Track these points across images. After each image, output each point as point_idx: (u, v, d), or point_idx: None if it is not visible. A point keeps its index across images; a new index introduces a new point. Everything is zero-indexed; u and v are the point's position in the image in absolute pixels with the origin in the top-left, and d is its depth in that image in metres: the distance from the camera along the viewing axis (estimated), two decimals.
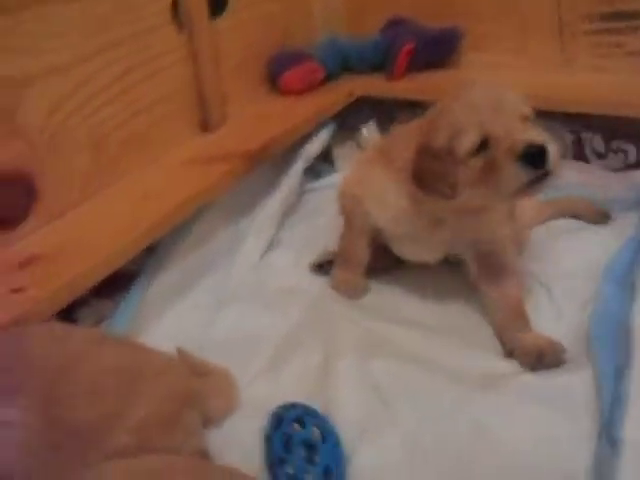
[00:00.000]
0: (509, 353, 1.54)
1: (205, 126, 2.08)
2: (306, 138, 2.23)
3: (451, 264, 1.75)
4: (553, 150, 1.36)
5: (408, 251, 1.71)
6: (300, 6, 2.50)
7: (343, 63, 2.46)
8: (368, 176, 1.64)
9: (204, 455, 1.31)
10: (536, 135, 1.37)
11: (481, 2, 2.38)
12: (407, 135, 1.56)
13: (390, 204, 1.59)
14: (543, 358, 1.49)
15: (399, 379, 1.50)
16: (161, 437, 1.24)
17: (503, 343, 1.58)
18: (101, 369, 1.24)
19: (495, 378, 1.49)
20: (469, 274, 1.67)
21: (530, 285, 1.73)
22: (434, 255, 1.69)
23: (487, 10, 2.38)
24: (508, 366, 1.53)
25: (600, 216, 1.97)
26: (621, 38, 2.22)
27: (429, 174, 1.44)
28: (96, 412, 1.18)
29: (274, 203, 2.06)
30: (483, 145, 1.38)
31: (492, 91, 1.42)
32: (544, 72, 2.33)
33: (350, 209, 1.71)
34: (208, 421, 1.40)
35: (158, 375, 1.31)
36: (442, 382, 1.49)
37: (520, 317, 1.57)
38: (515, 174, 1.34)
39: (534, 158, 1.33)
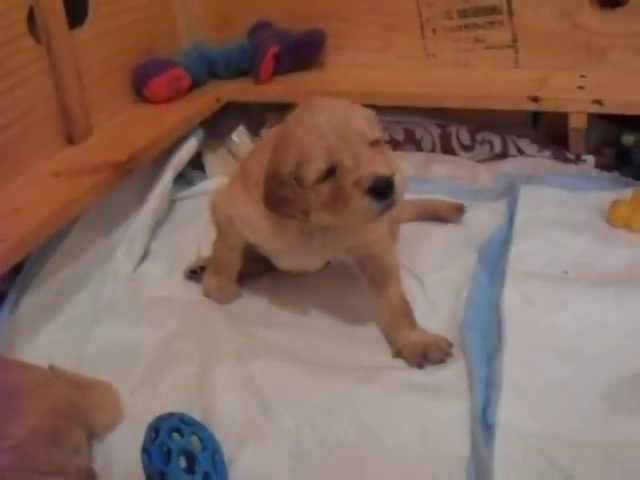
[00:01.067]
0: (397, 353, 1.55)
1: (70, 138, 2.03)
2: (175, 146, 2.20)
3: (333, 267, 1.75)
4: (399, 179, 1.37)
5: (286, 263, 1.70)
6: (163, 14, 2.47)
7: (209, 69, 2.44)
8: (233, 196, 1.62)
9: (90, 475, 1.28)
10: (382, 165, 1.37)
11: (343, 3, 2.41)
12: (260, 152, 1.57)
13: (255, 225, 1.58)
14: (428, 355, 1.51)
15: (279, 381, 1.49)
16: (44, 456, 1.20)
17: (390, 344, 1.59)
18: None
19: (373, 374, 1.49)
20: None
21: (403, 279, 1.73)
22: (314, 264, 1.69)
23: (350, 11, 2.41)
24: (387, 361, 1.55)
25: (455, 211, 2.00)
26: (480, 33, 2.29)
27: (279, 200, 1.45)
28: None
29: (145, 213, 2.03)
30: (330, 172, 1.38)
31: (337, 114, 1.40)
32: (409, 69, 2.39)
33: (222, 225, 1.69)
34: (91, 436, 1.37)
35: (36, 389, 1.27)
36: (323, 381, 1.49)
37: (404, 316, 1.58)
38: (363, 206, 1.36)
39: (381, 190, 1.35)
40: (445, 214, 2.00)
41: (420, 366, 1.50)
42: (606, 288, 1.59)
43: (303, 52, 2.40)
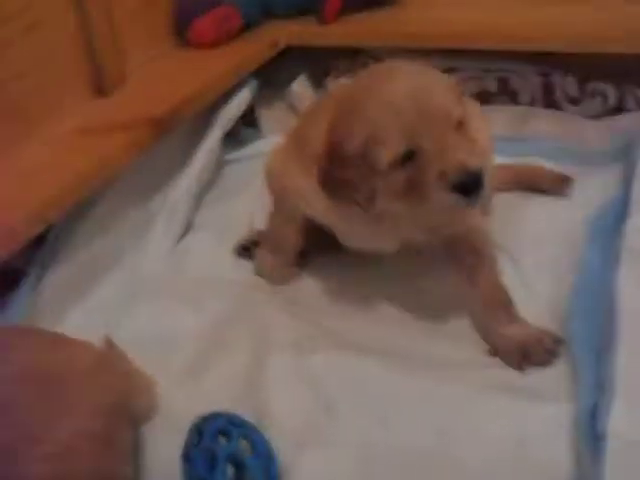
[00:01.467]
0: (493, 351, 1.55)
1: (99, 88, 2.04)
2: (224, 99, 2.22)
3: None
4: (488, 174, 1.37)
5: (354, 242, 1.69)
6: None
7: (264, 7, 2.44)
8: (286, 163, 1.64)
9: None
10: (471, 155, 1.36)
11: None
12: (320, 115, 1.55)
13: (312, 200, 1.58)
14: (530, 354, 1.50)
15: (343, 377, 1.50)
16: (90, 465, 1.17)
17: (485, 340, 1.58)
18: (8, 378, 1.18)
19: (458, 370, 1.50)
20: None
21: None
22: (387, 246, 1.67)
23: None
24: (474, 358, 1.55)
25: (560, 183, 1.98)
26: None
27: (340, 183, 1.43)
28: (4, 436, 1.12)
29: (188, 178, 2.05)
30: (408, 156, 1.37)
31: (417, 85, 1.38)
32: (506, 5, 2.34)
33: (279, 194, 1.71)
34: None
35: (87, 375, 1.25)
36: (397, 378, 1.49)
37: (501, 307, 1.56)
38: (446, 202, 1.36)
39: (469, 186, 1.34)
40: (546, 185, 1.98)
41: (520, 368, 1.49)
42: None
43: None
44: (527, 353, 1.50)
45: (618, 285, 1.55)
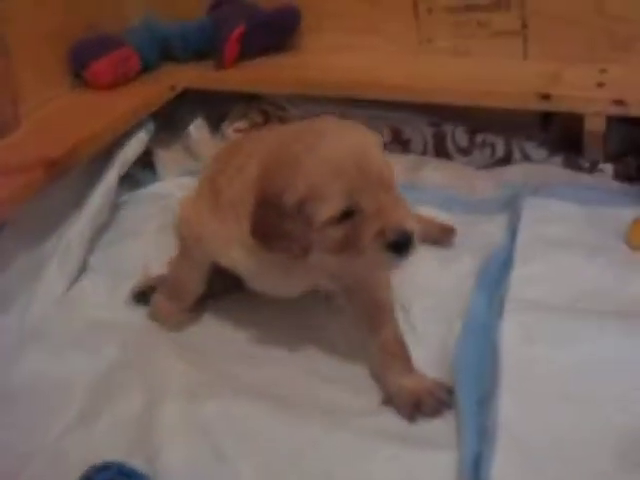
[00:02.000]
0: (387, 400, 1.57)
1: None
2: (120, 141, 2.21)
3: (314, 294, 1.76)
4: (418, 234, 1.42)
5: (261, 286, 1.69)
6: None
7: (163, 50, 2.46)
8: (201, 211, 1.64)
9: None
10: (406, 217, 1.41)
11: None
12: (233, 166, 1.58)
13: (229, 251, 1.59)
14: (421, 407, 1.53)
15: (236, 424, 1.51)
16: None
17: (382, 388, 1.60)
18: None
19: (348, 418, 1.52)
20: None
21: None
22: (293, 290, 1.69)
23: None
24: (367, 406, 1.57)
25: (446, 233, 2.02)
26: (485, 16, 2.32)
27: (274, 232, 1.44)
28: None
29: (83, 219, 2.04)
30: (346, 214, 1.40)
31: (354, 144, 1.43)
32: (399, 56, 2.41)
33: (191, 241, 1.70)
34: None
35: None
36: (289, 425, 1.51)
37: (397, 359, 1.59)
38: (380, 259, 1.41)
39: (402, 247, 1.40)
40: (432, 236, 2.00)
41: (412, 418, 1.52)
42: (621, 322, 1.61)
43: (273, 33, 2.43)
44: (419, 403, 1.52)
45: (501, 335, 1.59)
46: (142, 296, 1.87)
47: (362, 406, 1.57)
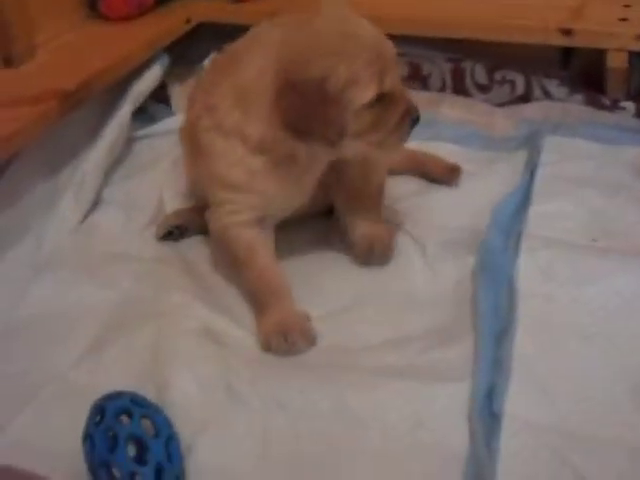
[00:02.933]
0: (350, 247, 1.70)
1: (7, 60, 2.01)
2: (135, 74, 2.19)
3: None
4: None
5: (274, 203, 1.67)
6: None
7: None
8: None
9: None
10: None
11: None
12: (245, 74, 1.56)
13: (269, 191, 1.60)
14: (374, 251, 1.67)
15: (249, 358, 1.51)
16: None
17: (343, 230, 1.72)
18: None
19: (357, 354, 1.52)
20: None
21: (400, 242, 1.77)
22: (303, 199, 1.70)
23: None
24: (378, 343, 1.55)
25: (449, 173, 2.00)
26: None
27: (314, 119, 1.45)
28: None
29: (97, 153, 2.02)
30: (378, 97, 1.48)
31: (372, 31, 1.52)
32: None
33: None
34: None
35: None
36: (299, 362, 1.50)
37: (373, 206, 1.71)
38: (407, 133, 1.55)
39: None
40: (436, 174, 2.00)
41: (366, 263, 1.69)
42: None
43: None
44: (372, 248, 1.67)
45: (518, 270, 1.59)
46: (169, 235, 1.86)
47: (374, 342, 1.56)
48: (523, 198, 1.84)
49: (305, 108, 1.45)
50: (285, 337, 1.50)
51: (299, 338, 1.50)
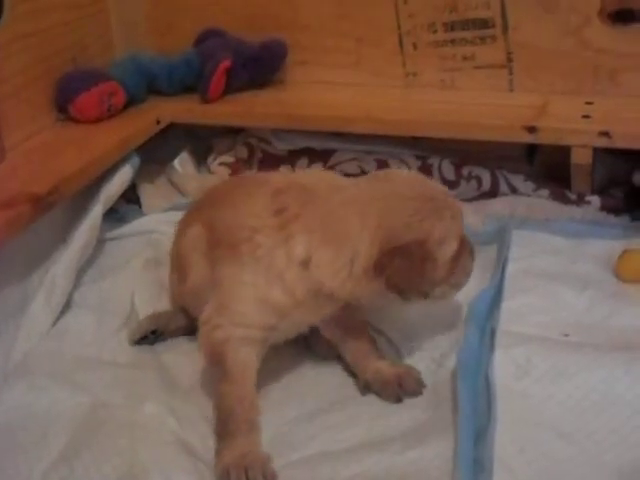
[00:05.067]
0: (367, 387, 1.65)
1: None
2: (106, 175, 2.19)
3: None
4: None
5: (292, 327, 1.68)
6: (95, 17, 2.48)
7: (149, 84, 2.44)
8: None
9: None
10: None
11: (307, 11, 2.44)
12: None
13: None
14: (403, 386, 1.63)
15: None
16: None
17: (358, 375, 1.67)
18: None
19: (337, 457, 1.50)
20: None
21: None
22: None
23: (314, 17, 2.44)
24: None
25: None
26: (469, 49, 2.33)
27: (417, 275, 1.52)
28: None
29: (68, 256, 2.00)
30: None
31: (440, 187, 1.67)
32: (385, 89, 2.42)
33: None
34: None
35: None
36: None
37: (372, 349, 1.69)
38: (472, 268, 1.68)
39: None
40: None
41: (398, 399, 1.62)
42: (615, 355, 1.60)
43: (260, 67, 2.43)
44: (401, 383, 1.63)
45: (494, 370, 1.58)
46: (143, 340, 1.85)
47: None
48: (496, 293, 1.85)
49: (411, 269, 1.51)
50: (246, 471, 1.43)
51: (260, 476, 1.44)
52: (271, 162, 2.44)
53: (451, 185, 2.29)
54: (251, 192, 1.64)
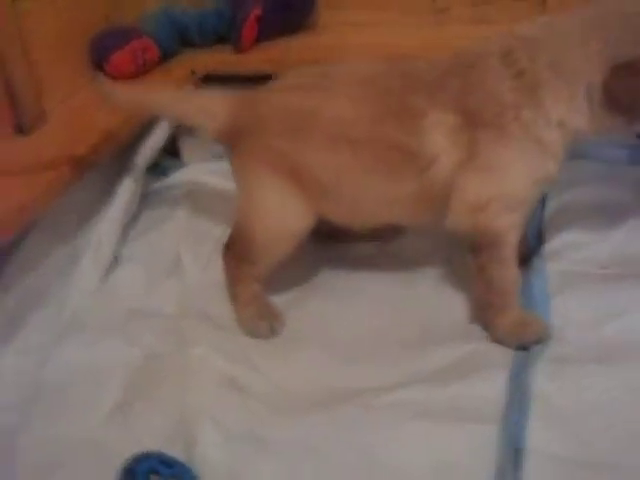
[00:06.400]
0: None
1: (19, 127, 2.01)
2: (145, 130, 2.20)
3: None
4: None
5: None
6: None
7: (181, 37, 2.45)
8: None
9: None
10: None
11: None
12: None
13: None
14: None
15: (273, 404, 1.53)
16: None
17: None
18: None
19: (375, 394, 1.53)
20: None
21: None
22: None
23: None
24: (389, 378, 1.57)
25: None
26: None
27: (636, 95, 1.48)
28: None
29: (113, 212, 2.04)
30: None
31: None
32: (415, 28, 2.39)
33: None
34: None
35: None
36: (318, 406, 1.52)
37: (500, 297, 1.64)
38: None
39: None
40: None
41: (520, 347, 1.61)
42: None
43: (290, 13, 2.42)
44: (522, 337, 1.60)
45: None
46: None
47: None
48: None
49: (636, 88, 1.48)
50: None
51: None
52: None
53: None
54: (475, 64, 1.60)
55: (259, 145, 1.67)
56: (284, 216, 1.69)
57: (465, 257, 1.64)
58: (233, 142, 1.72)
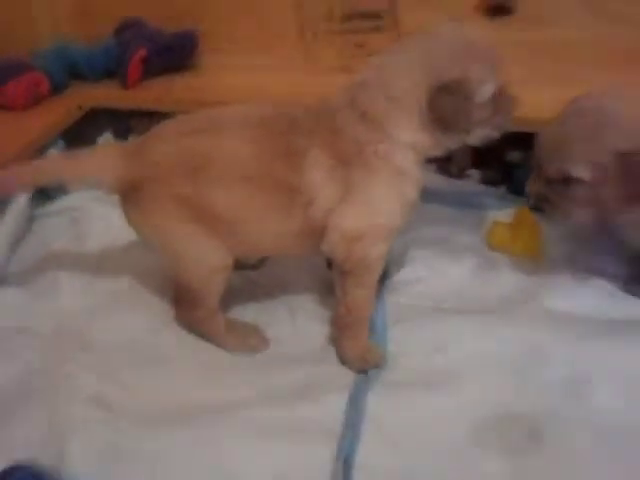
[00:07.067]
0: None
1: None
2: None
3: None
4: None
5: None
6: (19, 9, 2.57)
7: (71, 72, 2.54)
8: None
9: None
10: None
11: (217, 2, 2.58)
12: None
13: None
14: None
15: (137, 423, 1.61)
16: None
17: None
18: None
19: (229, 411, 1.64)
20: None
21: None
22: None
23: (223, 10, 2.58)
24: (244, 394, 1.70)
25: None
26: (362, 38, 2.48)
27: (459, 112, 1.64)
28: None
29: (0, 234, 2.10)
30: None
31: (484, 36, 1.72)
32: (289, 74, 2.53)
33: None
34: None
35: None
36: (179, 421, 1.62)
37: (357, 321, 1.78)
38: (512, 113, 1.76)
39: None
40: None
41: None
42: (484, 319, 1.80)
43: (173, 55, 2.55)
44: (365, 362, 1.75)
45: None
46: None
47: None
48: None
49: (454, 105, 1.63)
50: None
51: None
52: None
53: None
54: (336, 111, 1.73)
55: (160, 194, 1.69)
56: (205, 257, 1.75)
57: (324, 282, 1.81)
58: (130, 192, 1.72)
